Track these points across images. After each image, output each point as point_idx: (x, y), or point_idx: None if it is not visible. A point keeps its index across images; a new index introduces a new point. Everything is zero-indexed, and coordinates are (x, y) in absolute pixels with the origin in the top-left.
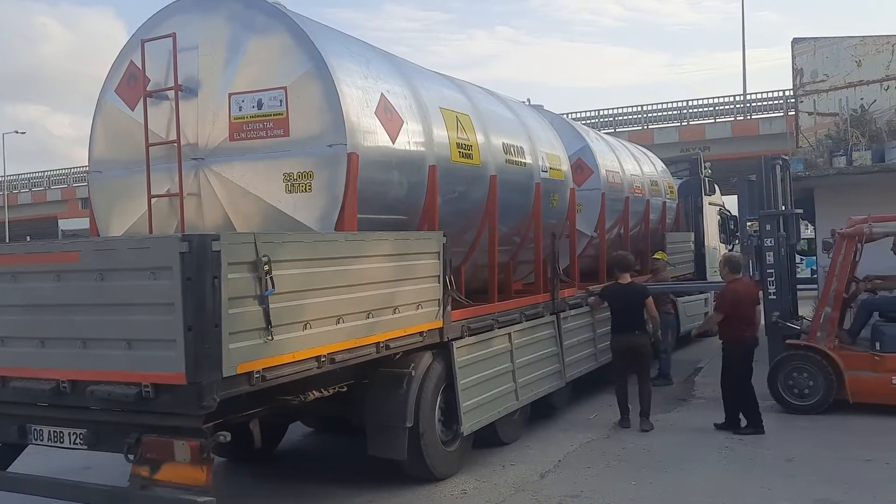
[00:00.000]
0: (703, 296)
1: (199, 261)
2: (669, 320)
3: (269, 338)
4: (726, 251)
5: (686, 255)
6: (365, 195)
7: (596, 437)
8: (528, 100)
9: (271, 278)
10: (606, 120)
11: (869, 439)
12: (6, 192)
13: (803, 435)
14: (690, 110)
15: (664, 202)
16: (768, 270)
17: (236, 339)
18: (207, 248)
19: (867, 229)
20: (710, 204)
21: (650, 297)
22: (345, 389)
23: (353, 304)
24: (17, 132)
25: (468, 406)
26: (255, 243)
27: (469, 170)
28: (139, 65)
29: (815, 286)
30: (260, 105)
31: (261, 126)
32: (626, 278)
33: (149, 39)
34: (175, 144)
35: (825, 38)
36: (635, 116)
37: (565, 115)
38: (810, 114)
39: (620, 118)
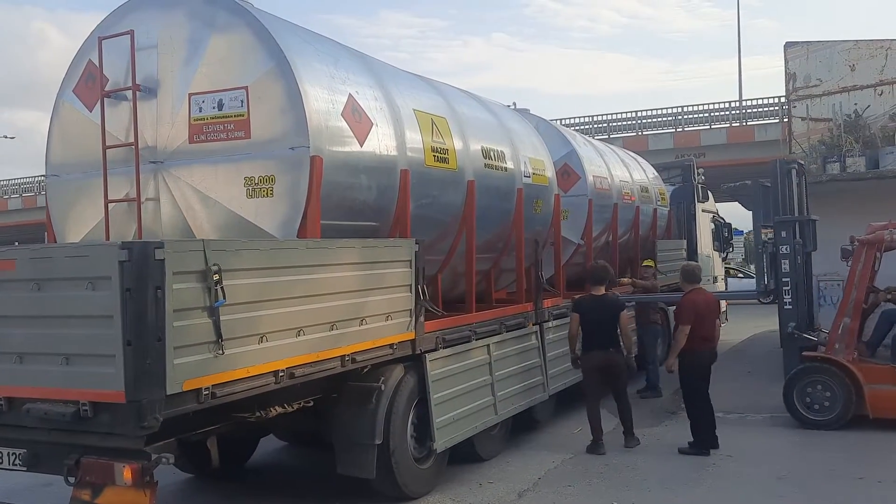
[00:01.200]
0: None
1: (139, 270)
2: (656, 330)
3: (220, 352)
4: (688, 262)
5: (679, 262)
6: (330, 201)
7: (579, 453)
8: (514, 104)
9: (222, 288)
10: (601, 126)
11: (864, 456)
12: None
13: (795, 451)
14: (685, 116)
15: (655, 209)
16: (784, 279)
17: (182, 354)
18: (150, 256)
19: (888, 236)
20: (703, 211)
21: (625, 312)
22: (311, 404)
23: (315, 315)
24: (5, 136)
25: (442, 421)
26: (205, 251)
27: (445, 174)
28: (97, 64)
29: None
30: (220, 106)
31: (221, 128)
32: (601, 290)
33: (106, 37)
34: (133, 147)
35: (818, 41)
36: (630, 122)
37: (559, 122)
38: (803, 119)
39: (615, 124)
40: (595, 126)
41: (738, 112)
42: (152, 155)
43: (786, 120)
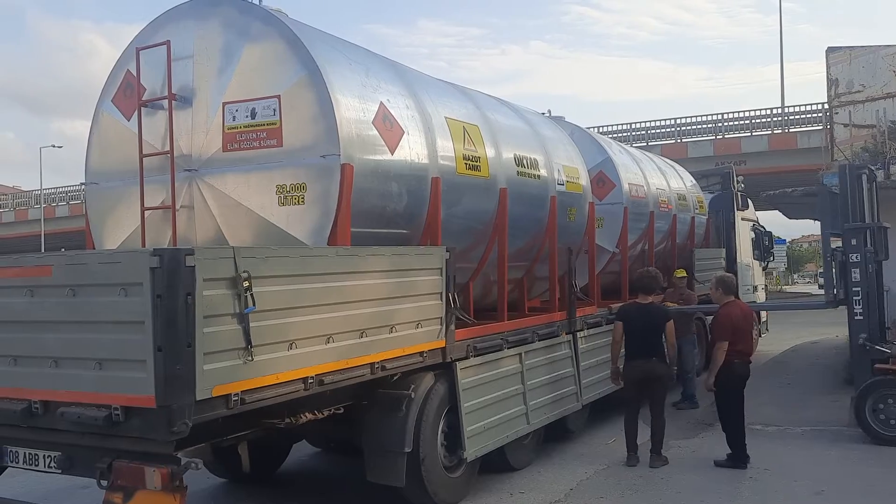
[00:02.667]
0: None
1: (170, 277)
2: (693, 340)
3: (250, 358)
4: (724, 273)
5: (717, 271)
6: (361, 208)
7: (612, 464)
8: (549, 111)
9: (252, 295)
10: (639, 133)
11: None
12: (43, 205)
13: (834, 466)
14: (726, 123)
15: (693, 217)
16: (854, 288)
17: (212, 360)
18: (180, 263)
19: None
20: (742, 219)
21: (671, 322)
22: (342, 411)
23: (344, 322)
24: (54, 146)
25: (473, 430)
26: (235, 258)
27: (477, 182)
28: (135, 74)
29: None
30: (253, 114)
31: (254, 136)
32: (648, 299)
33: (143, 48)
34: (169, 155)
35: (861, 47)
36: (669, 130)
37: (596, 129)
38: (846, 126)
39: (653, 131)
40: (633, 133)
41: (780, 119)
42: (187, 163)
43: (828, 127)
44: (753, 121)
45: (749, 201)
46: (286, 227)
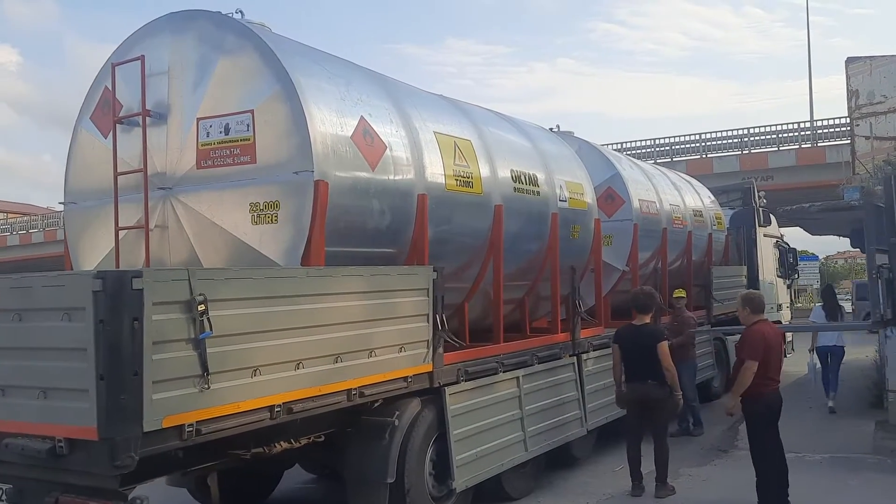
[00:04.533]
0: None
1: (114, 300)
2: (693, 365)
3: (206, 386)
4: (750, 290)
5: (738, 290)
6: (338, 227)
7: (616, 494)
8: (558, 126)
9: (209, 319)
10: (663, 149)
11: None
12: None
13: (857, 496)
14: (752, 138)
15: (710, 234)
16: None
17: (162, 389)
18: (126, 286)
19: None
20: (765, 235)
21: (664, 343)
22: (322, 439)
23: (316, 346)
24: None
25: (463, 459)
26: (189, 280)
27: (469, 199)
28: (111, 90)
29: None
30: (227, 130)
31: (228, 153)
32: (644, 319)
33: (119, 63)
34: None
35: (882, 56)
36: (693, 145)
37: (620, 145)
38: (867, 138)
39: (678, 147)
40: (658, 149)
41: (808, 133)
42: (162, 181)
43: (848, 141)
44: (781, 135)
45: (772, 217)
46: (259, 247)
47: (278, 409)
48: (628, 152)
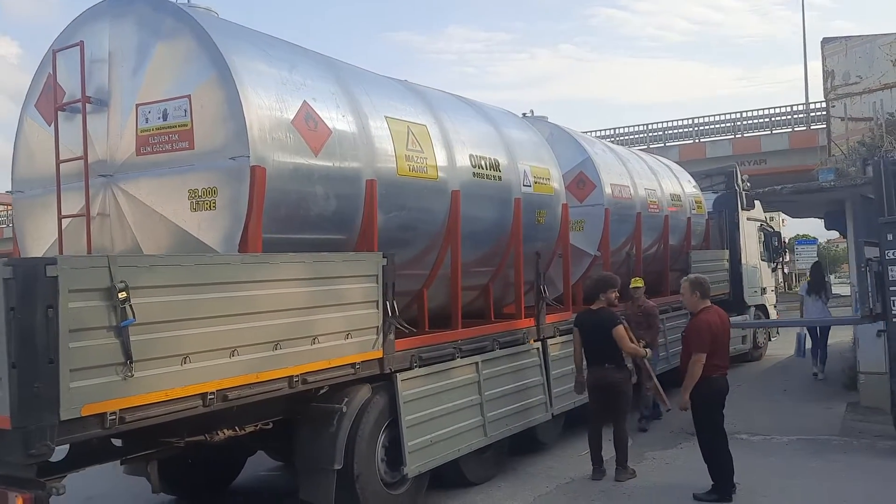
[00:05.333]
0: (738, 318)
1: (25, 288)
2: (655, 358)
3: (130, 374)
4: (696, 275)
5: (717, 274)
6: (279, 213)
7: (578, 477)
8: (531, 111)
9: (131, 307)
10: (656, 134)
11: (892, 486)
12: None
13: (814, 479)
14: (745, 122)
15: (689, 218)
16: (892, 288)
17: (81, 377)
18: (39, 273)
19: None
20: (748, 219)
21: (619, 327)
22: (270, 426)
23: (253, 333)
24: None
25: (415, 445)
26: (110, 268)
27: (423, 184)
28: (58, 77)
29: None
30: (165, 116)
31: (166, 139)
32: (599, 303)
33: (60, 49)
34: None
35: (858, 36)
36: (686, 130)
37: (613, 131)
38: (842, 119)
39: (671, 132)
40: (651, 135)
41: (802, 116)
42: (103, 168)
43: (804, 128)
44: (774, 119)
45: (756, 201)
46: (198, 234)
47: (212, 396)
48: (622, 138)
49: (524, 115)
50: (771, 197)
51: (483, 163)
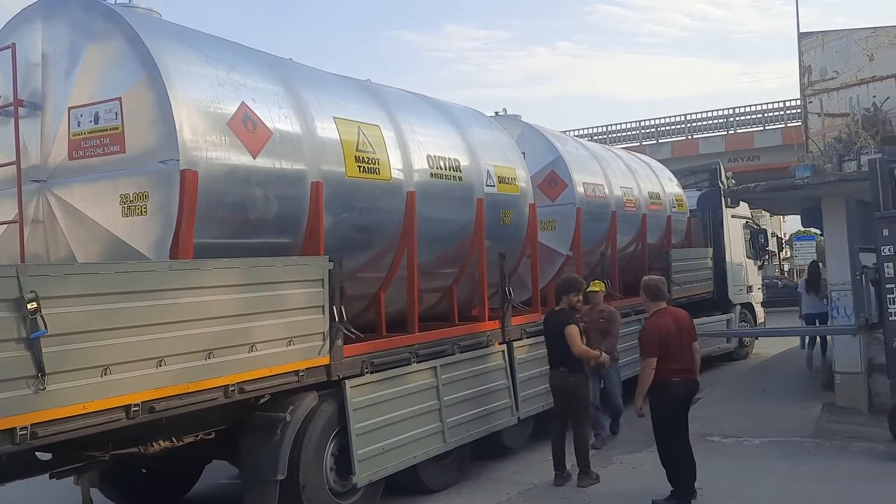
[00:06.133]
0: (724, 316)
1: None
2: (616, 368)
3: (42, 387)
4: (649, 276)
5: (700, 272)
6: (214, 216)
7: (542, 483)
8: (504, 110)
9: (42, 318)
10: (649, 131)
11: (859, 489)
12: None
13: (779, 483)
14: (738, 118)
15: (669, 216)
16: (888, 286)
17: None
18: None
19: None
20: (733, 216)
21: (570, 326)
22: (212, 436)
23: (182, 343)
24: None
25: (365, 453)
26: (18, 278)
27: (375, 186)
28: None
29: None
30: (97, 119)
31: (98, 142)
32: (563, 304)
33: None
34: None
35: (834, 31)
36: (679, 126)
37: (606, 128)
38: (819, 115)
39: (664, 128)
40: (644, 131)
41: (795, 112)
42: (37, 174)
43: (798, 123)
44: (766, 115)
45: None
46: (129, 240)
47: (136, 408)
48: (614, 135)
49: (496, 113)
50: (746, 194)
51: (442, 163)
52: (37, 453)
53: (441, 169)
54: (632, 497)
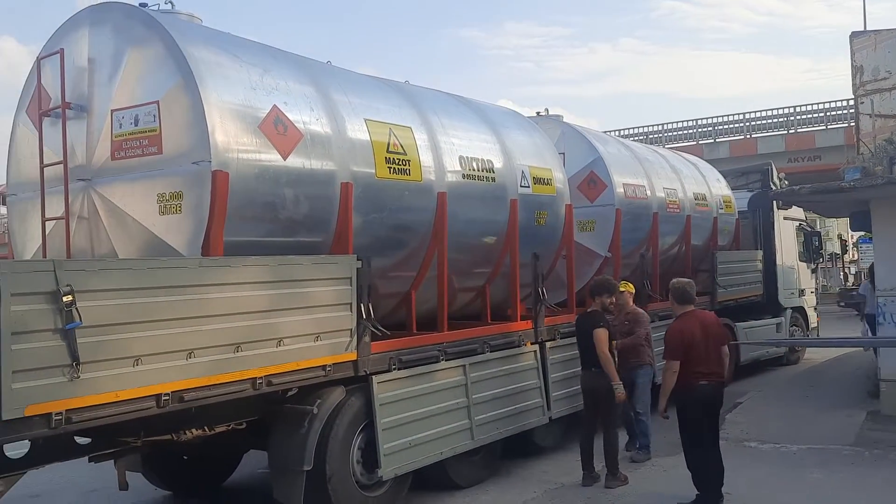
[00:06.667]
0: (773, 320)
1: None
2: (648, 371)
3: (77, 375)
4: (677, 279)
5: (747, 275)
6: (244, 215)
7: (569, 482)
8: (546, 110)
9: (77, 310)
10: (706, 130)
11: (892, 498)
12: None
13: (808, 491)
14: (799, 117)
15: (715, 218)
16: None
17: (25, 378)
18: None
19: None
20: (785, 218)
21: (599, 329)
22: (243, 426)
23: (211, 336)
24: None
25: (392, 447)
26: (56, 272)
27: (406, 187)
28: (44, 84)
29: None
30: (137, 121)
31: (137, 144)
32: (595, 306)
33: (44, 57)
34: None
35: (888, 30)
36: (737, 125)
37: (661, 126)
38: (870, 116)
39: (721, 127)
40: (700, 130)
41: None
42: (82, 173)
43: (852, 124)
44: (829, 113)
45: None
46: (165, 237)
47: (166, 397)
48: (670, 133)
49: (537, 113)
50: (792, 197)
51: (475, 164)
52: (76, 438)
53: (473, 170)
54: (658, 499)
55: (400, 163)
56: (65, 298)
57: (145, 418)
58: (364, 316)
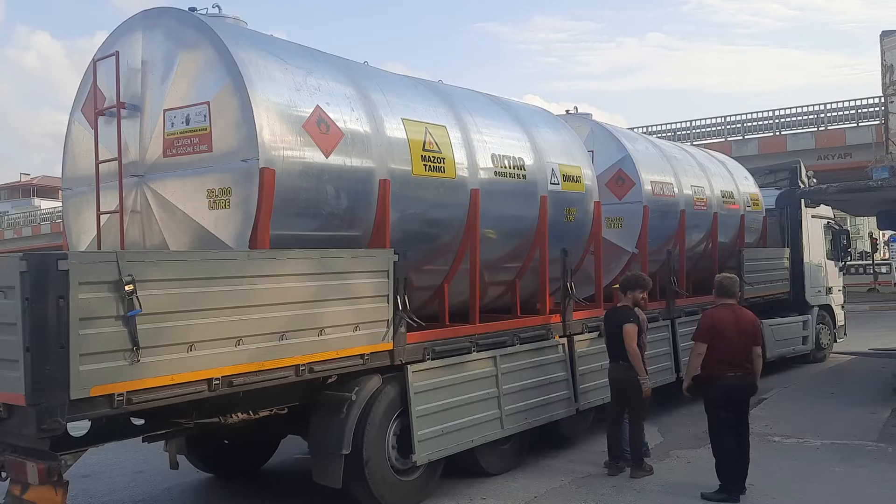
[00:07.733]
0: (800, 318)
1: (39, 280)
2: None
3: (137, 359)
4: (723, 273)
5: (774, 272)
6: (289, 210)
7: (595, 472)
8: (576, 108)
9: (137, 298)
10: (734, 126)
11: None
12: None
13: (830, 485)
14: (829, 114)
15: (742, 215)
16: None
17: (91, 361)
18: (50, 267)
19: None
20: (813, 216)
21: (628, 325)
22: (285, 411)
23: (258, 324)
24: None
25: (425, 434)
26: (118, 262)
27: (440, 183)
28: (99, 84)
29: None
30: (188, 120)
31: (188, 142)
32: (624, 300)
33: (100, 58)
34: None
35: None
36: (766, 122)
37: (689, 123)
38: None
39: (750, 124)
40: (729, 127)
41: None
42: (136, 169)
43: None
44: (860, 110)
45: None
46: (214, 231)
47: (217, 381)
48: (698, 130)
49: (567, 111)
50: (819, 195)
51: (506, 162)
52: (132, 418)
53: (505, 167)
54: (682, 489)
55: (435, 160)
56: (127, 287)
57: (197, 401)
58: (400, 307)
